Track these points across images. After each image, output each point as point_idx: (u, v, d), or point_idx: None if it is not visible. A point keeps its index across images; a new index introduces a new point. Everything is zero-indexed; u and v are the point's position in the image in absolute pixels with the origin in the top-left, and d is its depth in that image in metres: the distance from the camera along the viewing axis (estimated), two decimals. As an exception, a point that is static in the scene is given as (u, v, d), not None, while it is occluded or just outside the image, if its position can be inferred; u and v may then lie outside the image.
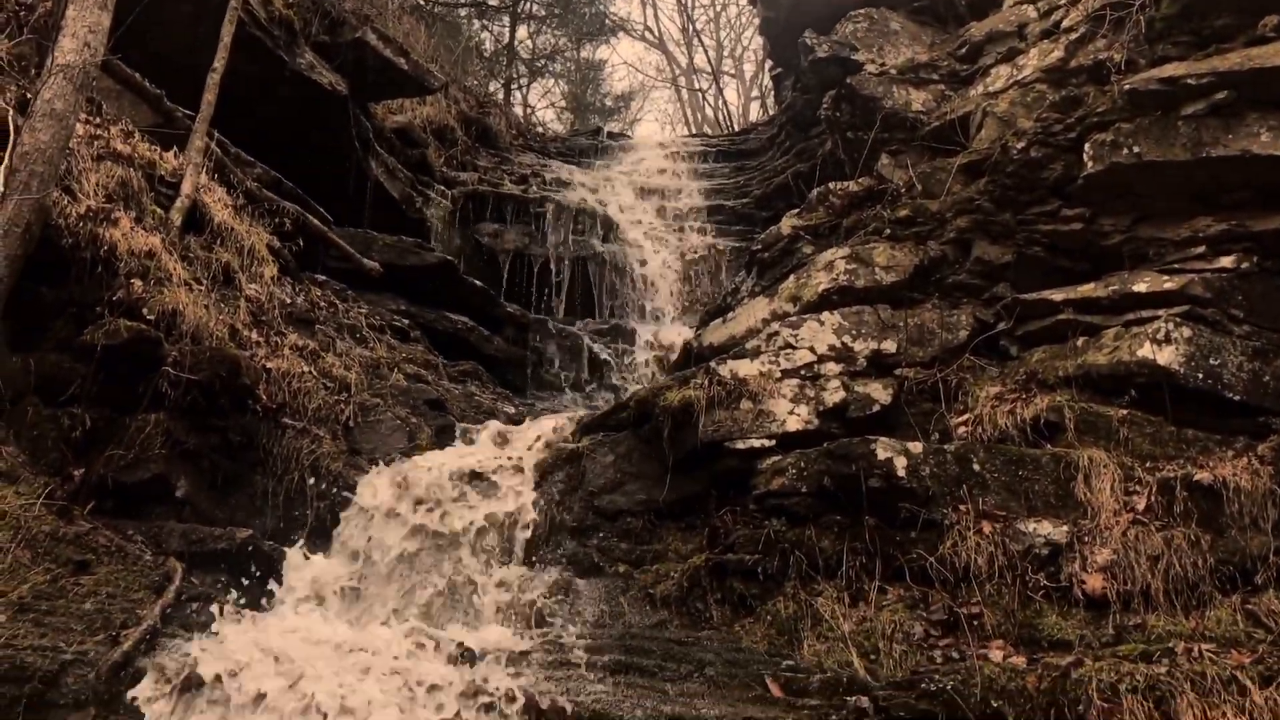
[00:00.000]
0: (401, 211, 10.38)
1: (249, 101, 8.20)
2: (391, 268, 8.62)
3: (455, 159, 11.83)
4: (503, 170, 12.25)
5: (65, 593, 4.18)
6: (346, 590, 4.95)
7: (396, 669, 4.06)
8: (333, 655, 4.09)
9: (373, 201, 10.11)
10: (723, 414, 5.49)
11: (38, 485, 4.58)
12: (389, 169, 10.43)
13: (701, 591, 5.00)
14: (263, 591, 4.78)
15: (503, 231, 11.12)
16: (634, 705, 3.99)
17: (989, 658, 4.16)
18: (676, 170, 13.20)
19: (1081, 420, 5.03)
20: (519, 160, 12.95)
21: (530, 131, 15.16)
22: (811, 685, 4.19)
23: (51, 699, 3.73)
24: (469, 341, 8.81)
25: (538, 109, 21.87)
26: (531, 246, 11.08)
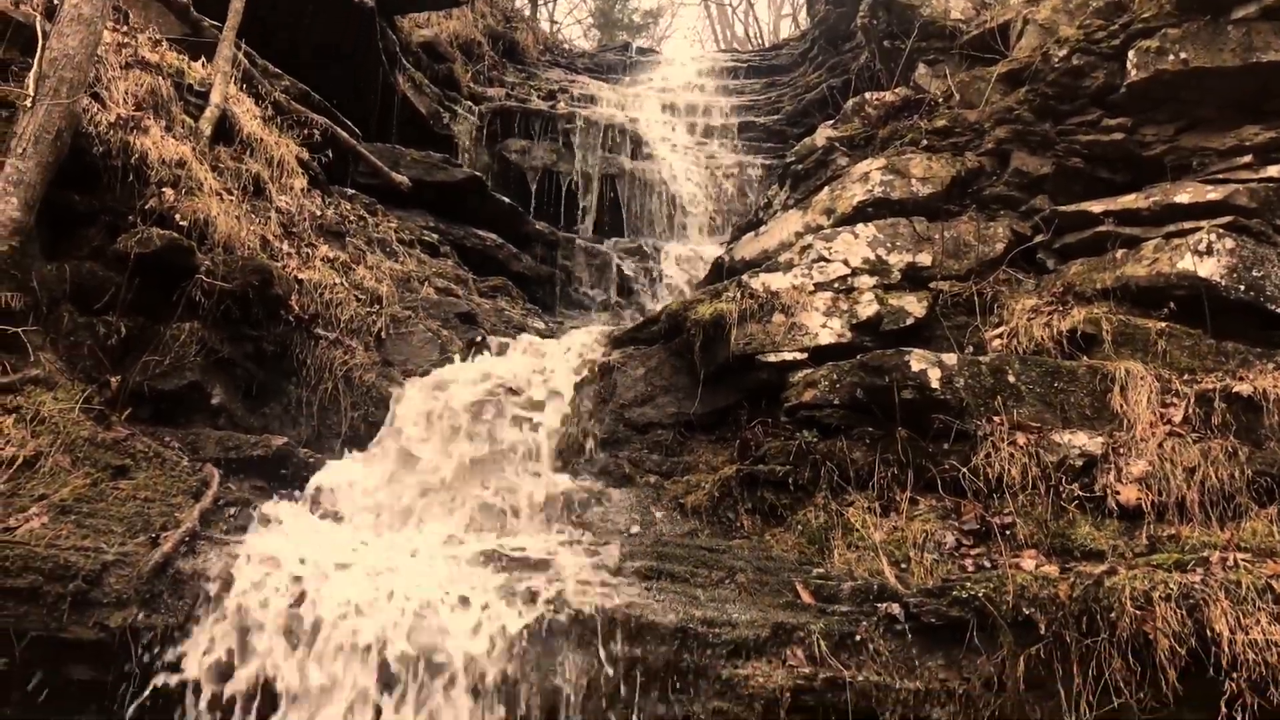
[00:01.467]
0: (429, 128, 10.30)
1: (275, 15, 8.10)
2: (420, 184, 8.58)
3: (482, 74, 11.70)
4: (530, 86, 12.11)
5: (105, 496, 4.24)
6: (381, 498, 4.99)
7: (432, 574, 4.10)
8: (369, 559, 4.13)
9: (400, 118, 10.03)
10: (754, 327, 5.46)
11: (75, 392, 4.63)
12: (416, 84, 10.33)
13: (732, 502, 5.02)
14: (298, 498, 4.83)
15: (530, 148, 11.02)
16: (666, 609, 4.02)
17: (1021, 566, 4.16)
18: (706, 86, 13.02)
19: (1119, 333, 4.98)
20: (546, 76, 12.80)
21: (557, 47, 14.96)
22: (842, 592, 4.21)
23: (95, 598, 3.78)
24: (497, 259, 8.79)
25: (564, 25, 21.55)
26: (559, 164, 10.99)
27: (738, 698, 3.90)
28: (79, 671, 3.81)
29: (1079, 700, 3.80)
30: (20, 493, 4.16)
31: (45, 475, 4.25)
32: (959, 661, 3.95)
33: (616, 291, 9.60)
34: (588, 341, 6.21)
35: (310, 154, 6.87)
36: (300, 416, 5.46)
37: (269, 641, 3.72)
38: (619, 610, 3.97)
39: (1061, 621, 3.85)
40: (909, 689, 3.90)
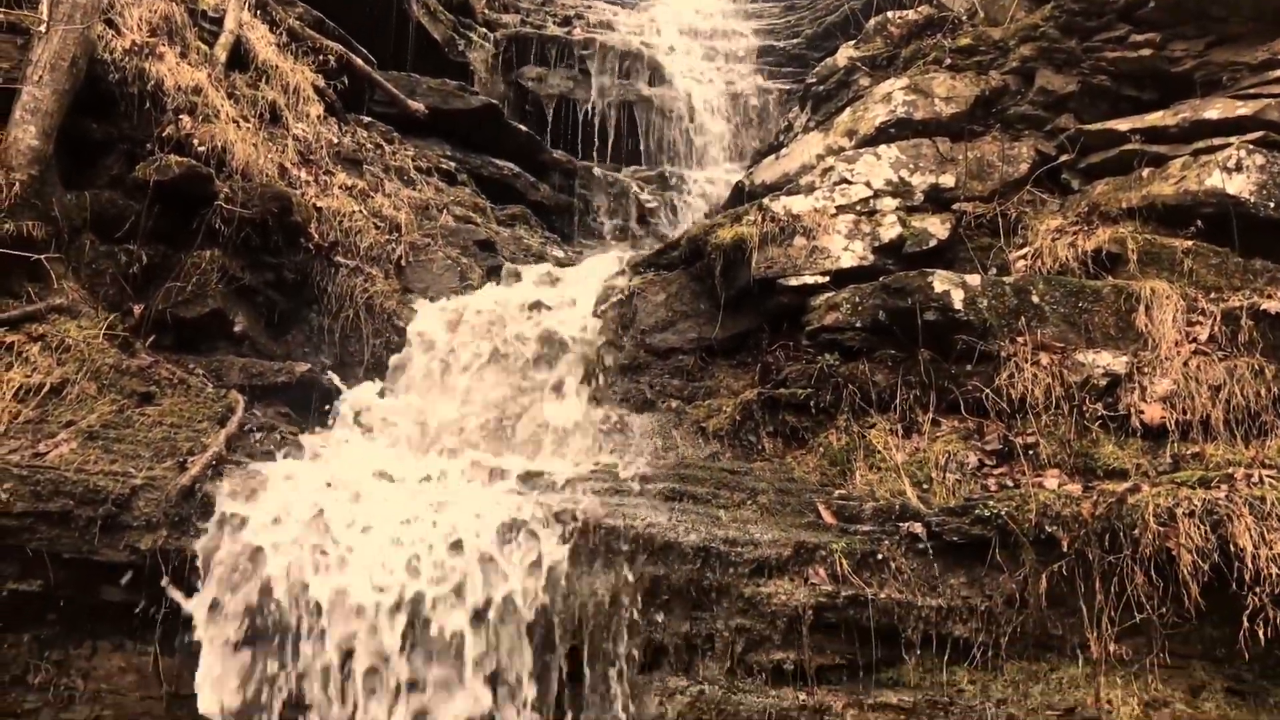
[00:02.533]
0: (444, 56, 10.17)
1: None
2: (436, 112, 8.49)
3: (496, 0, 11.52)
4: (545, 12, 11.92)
5: (132, 422, 4.28)
6: (404, 423, 5.02)
7: (455, 494, 4.14)
8: (393, 483, 4.17)
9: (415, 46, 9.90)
10: (776, 251, 5.42)
11: (99, 320, 4.66)
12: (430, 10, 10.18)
13: (753, 425, 5.03)
14: (322, 423, 4.87)
15: (546, 76, 10.88)
16: (688, 529, 4.05)
17: (1044, 485, 4.17)
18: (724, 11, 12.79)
19: (1144, 252, 4.92)
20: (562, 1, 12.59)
21: (573, -28, 14.69)
22: (864, 512, 4.23)
23: (125, 521, 3.84)
24: (515, 188, 8.72)
25: (579, -48, 21.13)
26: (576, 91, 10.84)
27: (760, 615, 3.94)
28: (111, 593, 3.89)
29: (1100, 616, 3.83)
30: (49, 419, 4.20)
31: (72, 402, 4.29)
32: (981, 579, 3.98)
33: (635, 220, 9.53)
34: (608, 268, 6.18)
35: (326, 81, 6.81)
36: (322, 344, 5.48)
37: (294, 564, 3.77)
38: (642, 530, 4.01)
39: (1084, 539, 3.86)
40: (931, 606, 3.93)
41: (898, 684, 3.89)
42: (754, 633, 3.94)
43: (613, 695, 3.88)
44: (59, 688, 3.85)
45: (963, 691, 3.87)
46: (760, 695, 3.85)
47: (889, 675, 3.92)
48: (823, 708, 3.82)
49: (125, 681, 3.90)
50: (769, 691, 3.86)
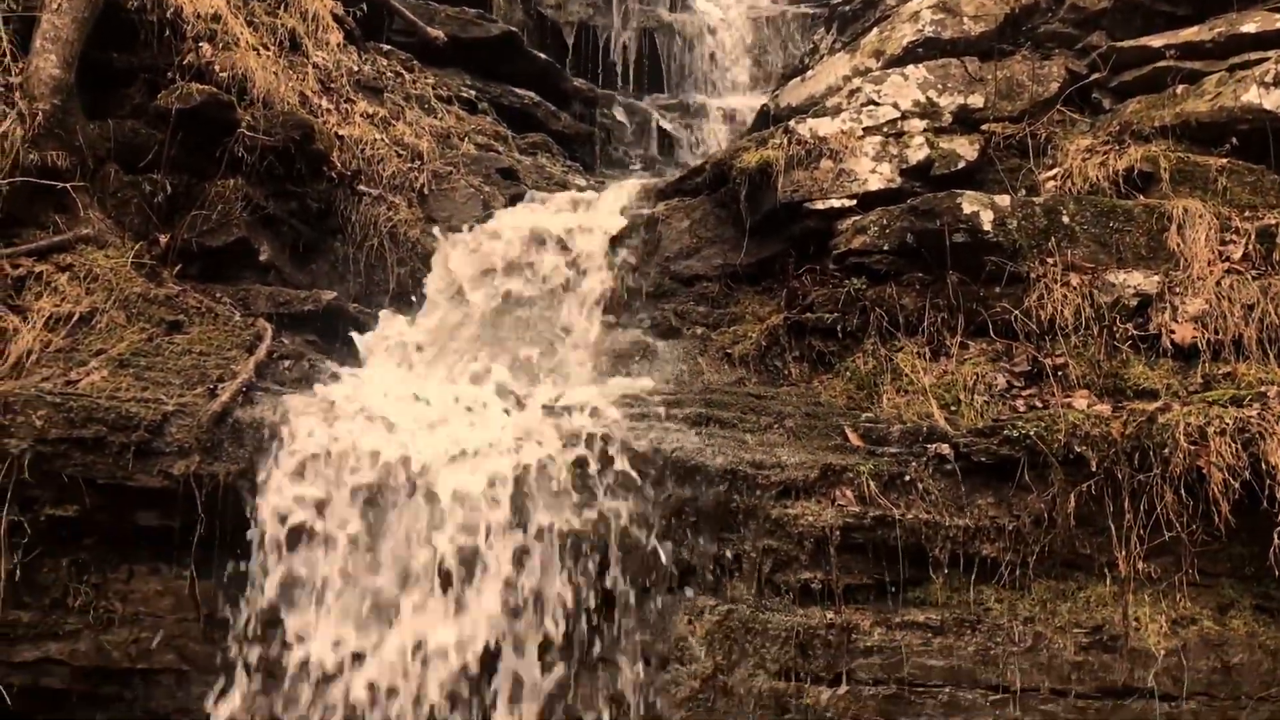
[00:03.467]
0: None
1: None
2: (455, 40, 8.39)
3: (514, -75, 11.32)
4: (564, -64, 11.72)
5: (161, 350, 4.31)
6: (430, 351, 5.04)
7: (485, 421, 4.16)
8: (424, 409, 4.18)
9: (431, -27, 9.78)
10: (801, 174, 5.36)
11: (126, 249, 4.68)
12: (447, -64, 10.03)
13: (779, 350, 5.02)
14: (349, 352, 4.89)
15: (566, 2, 10.71)
16: (715, 452, 4.06)
17: (1073, 406, 4.15)
18: (747, -66, 12.55)
19: (1177, 171, 4.85)
20: (581, -74, 12.37)
21: (591, -103, 14.42)
22: (891, 435, 4.23)
23: (158, 447, 3.87)
24: (536, 117, 8.64)
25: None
26: (596, 18, 10.68)
27: (787, 536, 3.96)
28: (146, 518, 3.94)
29: (1129, 535, 3.83)
30: (79, 348, 4.24)
31: (102, 331, 4.32)
32: (1009, 499, 3.98)
33: (657, 149, 9.45)
34: (631, 195, 6.14)
35: (344, 8, 6.74)
36: (347, 273, 5.49)
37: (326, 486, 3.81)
38: (669, 454, 4.02)
39: (1113, 458, 3.85)
40: (958, 526, 3.94)
41: (925, 603, 3.92)
42: (781, 553, 3.96)
43: (643, 614, 3.92)
44: (98, 610, 3.91)
45: (990, 610, 3.89)
46: (788, 614, 3.89)
47: (916, 594, 3.95)
48: (850, 626, 3.85)
49: (162, 604, 3.96)
50: (796, 610, 3.90)
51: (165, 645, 3.94)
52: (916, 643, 3.84)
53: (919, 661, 3.82)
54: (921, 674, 3.82)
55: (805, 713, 3.80)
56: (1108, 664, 3.80)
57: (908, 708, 3.79)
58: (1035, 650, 3.82)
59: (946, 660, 3.83)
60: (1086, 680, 3.80)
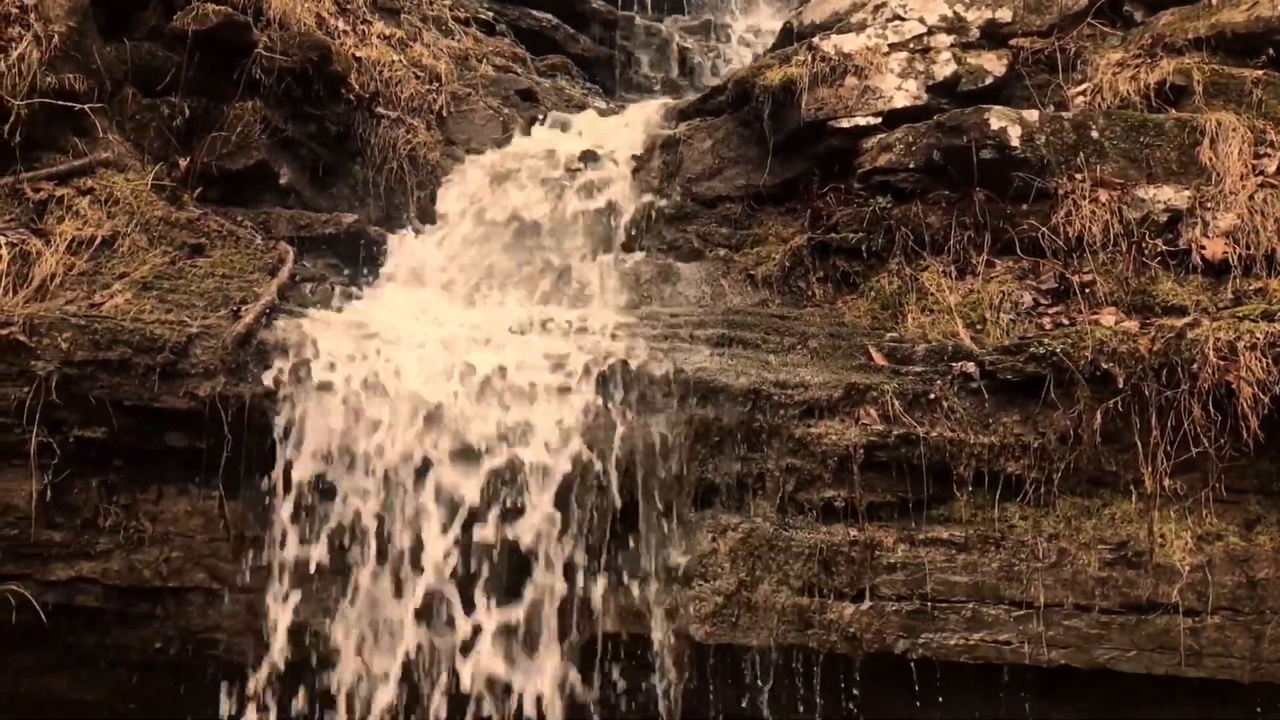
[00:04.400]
0: (477, -98, 9.86)
1: None
2: (472, -39, 8.27)
3: None
4: None
5: (184, 274, 4.31)
6: (452, 274, 5.03)
7: (509, 342, 4.16)
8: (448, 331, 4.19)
9: (446, -107, 9.59)
10: (826, 92, 5.27)
11: (146, 173, 4.66)
12: None
13: (803, 271, 4.98)
14: (371, 274, 4.89)
15: (584, -77, 10.52)
16: (738, 373, 4.06)
17: (1100, 323, 4.11)
18: None
19: (1211, 83, 4.75)
20: None
21: None
22: (916, 354, 4.21)
23: (183, 369, 3.89)
24: (554, 39, 8.51)
25: None
26: (615, -62, 10.50)
27: (810, 455, 3.96)
28: (174, 439, 3.98)
29: (1155, 452, 3.81)
30: (102, 271, 4.25)
31: (124, 254, 4.33)
32: (1034, 416, 3.97)
33: (678, 72, 9.30)
34: (652, 116, 6.06)
35: (359, -71, 6.63)
36: (367, 197, 5.47)
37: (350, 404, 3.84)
38: (692, 375, 4.02)
39: (1140, 375, 3.82)
40: (983, 444, 3.93)
41: (949, 520, 3.92)
42: (804, 472, 3.97)
43: (668, 532, 3.94)
44: (128, 530, 3.97)
45: (1014, 527, 3.89)
46: (811, 531, 3.90)
47: (940, 512, 3.95)
48: (873, 543, 3.87)
49: (192, 525, 4.01)
50: (820, 528, 3.91)
51: (195, 564, 4.00)
52: (940, 559, 3.85)
53: (942, 578, 3.84)
54: (945, 590, 3.83)
55: (828, 628, 3.83)
56: (1132, 580, 3.81)
57: (930, 623, 3.82)
58: (1059, 566, 3.82)
59: (970, 576, 3.84)
60: (1111, 596, 3.81)
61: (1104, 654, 3.78)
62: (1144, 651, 3.77)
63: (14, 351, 3.80)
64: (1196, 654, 3.74)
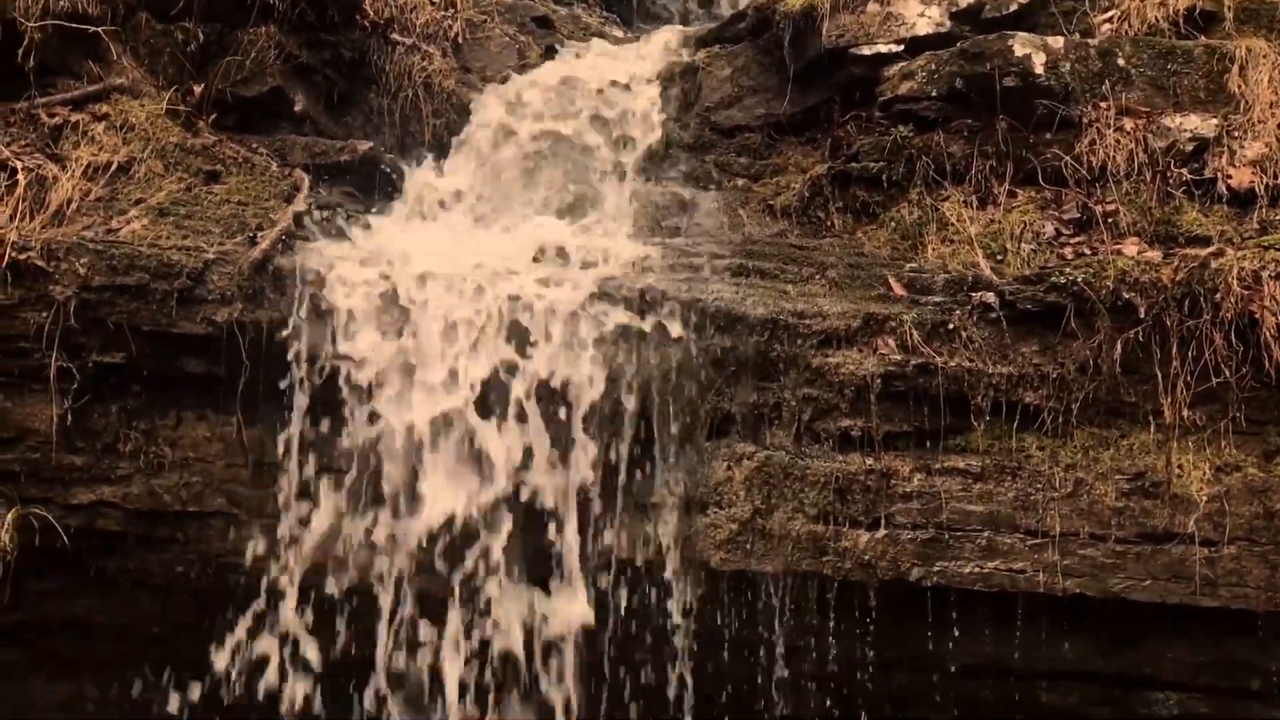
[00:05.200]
0: None
1: None
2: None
3: None
4: None
5: (200, 200, 4.31)
6: (468, 202, 5.00)
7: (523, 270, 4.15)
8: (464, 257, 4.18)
9: None
10: (847, 18, 5.17)
11: (160, 99, 4.63)
12: None
13: (822, 201, 4.93)
14: (387, 202, 4.87)
15: None
16: (756, 302, 4.04)
17: (1122, 252, 4.07)
18: None
19: (1241, 9, 4.65)
20: None
21: None
22: (935, 284, 4.17)
23: (200, 294, 3.91)
24: (572, -33, 8.41)
25: None
26: None
27: (828, 385, 3.95)
28: (192, 365, 4.00)
29: (1175, 382, 3.79)
30: (118, 197, 4.25)
31: (140, 180, 4.32)
32: (1054, 347, 3.94)
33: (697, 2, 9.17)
34: (670, 43, 5.98)
35: None
36: (383, 125, 5.42)
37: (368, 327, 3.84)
38: (709, 304, 4.01)
39: (1162, 305, 3.79)
40: (1001, 374, 3.91)
41: (965, 450, 3.92)
42: (821, 401, 3.96)
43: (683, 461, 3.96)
44: (148, 455, 4.01)
45: (1031, 457, 3.88)
46: (827, 460, 3.91)
47: (957, 442, 3.94)
48: (889, 472, 3.87)
49: (211, 450, 4.04)
50: (836, 457, 3.91)
51: (215, 490, 4.04)
52: (956, 488, 3.86)
53: (958, 507, 3.84)
54: (960, 519, 3.84)
55: (843, 555, 3.85)
56: (1149, 510, 3.80)
57: (945, 551, 3.83)
58: (1075, 496, 3.82)
59: (986, 506, 3.84)
60: (1127, 526, 3.80)
61: (1118, 583, 3.79)
62: (1159, 581, 3.78)
63: (32, 276, 3.82)
64: (1212, 584, 3.74)
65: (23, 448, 3.93)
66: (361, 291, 3.88)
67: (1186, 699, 4.04)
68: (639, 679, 4.05)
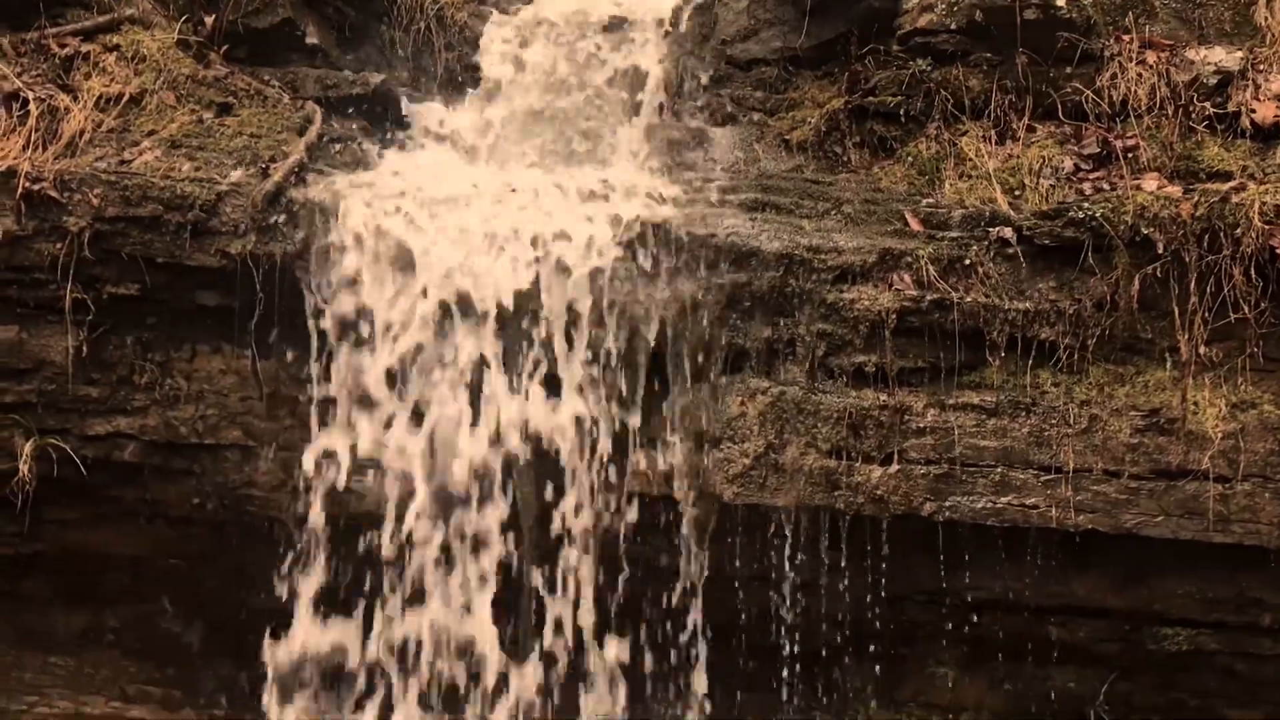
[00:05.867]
0: None
1: None
2: None
3: None
4: None
5: (212, 132, 4.28)
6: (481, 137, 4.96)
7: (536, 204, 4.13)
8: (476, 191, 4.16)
9: None
10: (866, -51, 5.09)
11: (171, 30, 4.59)
12: None
13: (839, 136, 4.88)
14: (399, 136, 4.83)
15: None
16: (770, 237, 4.01)
17: (1142, 188, 4.02)
18: None
19: (1271, -61, 4.55)
20: None
21: None
22: (952, 219, 4.13)
23: (213, 226, 3.91)
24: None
25: None
26: None
27: (842, 320, 3.94)
28: (206, 298, 4.02)
29: (1192, 318, 3.76)
30: (131, 128, 4.23)
31: (152, 112, 4.30)
32: (1070, 283, 3.92)
33: (714, -66, 9.02)
34: (687, -26, 5.88)
35: None
36: (394, 59, 5.36)
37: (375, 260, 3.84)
38: (724, 239, 3.99)
39: (1181, 240, 3.76)
40: (1018, 309, 3.89)
41: (980, 386, 3.91)
42: (835, 337, 3.95)
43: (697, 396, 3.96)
44: (164, 387, 4.04)
45: (1045, 393, 3.87)
46: (840, 396, 3.91)
47: (971, 378, 3.93)
48: (903, 407, 3.87)
49: (226, 383, 4.06)
50: (849, 392, 3.91)
51: (230, 422, 4.06)
52: (970, 424, 3.85)
53: (971, 442, 3.84)
54: (974, 454, 3.84)
55: (855, 490, 3.86)
56: (1163, 446, 3.79)
57: (958, 486, 3.83)
58: (1090, 432, 3.81)
59: (999, 441, 3.84)
60: (1141, 462, 3.80)
61: (1131, 519, 3.79)
62: (1171, 517, 3.78)
63: (46, 206, 3.83)
64: (1224, 520, 3.74)
65: (39, 378, 3.95)
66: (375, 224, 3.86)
67: (1196, 635, 4.06)
68: (651, 610, 4.10)
